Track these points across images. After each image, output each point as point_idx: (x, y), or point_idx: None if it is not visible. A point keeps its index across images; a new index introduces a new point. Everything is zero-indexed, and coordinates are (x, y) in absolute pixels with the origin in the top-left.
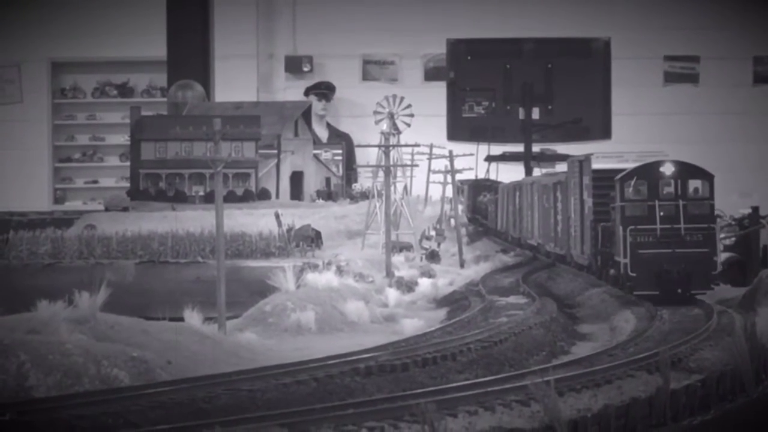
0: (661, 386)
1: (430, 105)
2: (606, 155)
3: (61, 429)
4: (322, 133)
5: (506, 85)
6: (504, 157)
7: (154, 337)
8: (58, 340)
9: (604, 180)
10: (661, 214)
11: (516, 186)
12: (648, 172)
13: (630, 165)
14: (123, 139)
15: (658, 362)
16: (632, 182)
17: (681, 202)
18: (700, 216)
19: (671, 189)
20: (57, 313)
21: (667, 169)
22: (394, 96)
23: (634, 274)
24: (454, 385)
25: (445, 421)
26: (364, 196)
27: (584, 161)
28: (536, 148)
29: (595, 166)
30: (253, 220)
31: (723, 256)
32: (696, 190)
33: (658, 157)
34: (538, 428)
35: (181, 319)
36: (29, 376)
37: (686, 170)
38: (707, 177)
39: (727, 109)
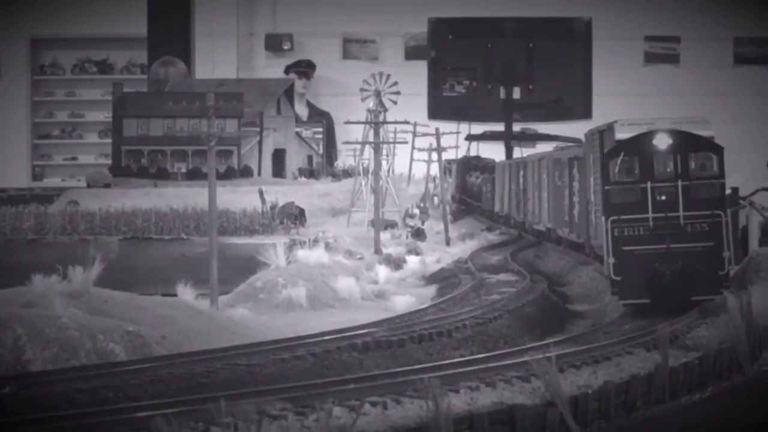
0: (660, 363)
1: (411, 84)
2: (633, 123)
3: (61, 402)
4: (303, 112)
5: (487, 65)
6: (485, 136)
7: (148, 312)
8: (54, 314)
9: None
10: (659, 198)
11: (519, 163)
12: (639, 145)
13: None
14: (102, 116)
15: (656, 340)
16: (619, 159)
17: (680, 183)
18: (707, 200)
19: (669, 167)
20: (51, 288)
21: (662, 142)
22: (381, 73)
23: (618, 278)
24: (455, 360)
25: (448, 396)
26: (347, 174)
27: (606, 131)
28: (517, 127)
29: (620, 136)
30: (236, 198)
31: None
32: (703, 166)
33: (684, 125)
34: (540, 404)
35: (171, 295)
36: (26, 350)
37: (688, 142)
38: (715, 150)
39: (708, 89)
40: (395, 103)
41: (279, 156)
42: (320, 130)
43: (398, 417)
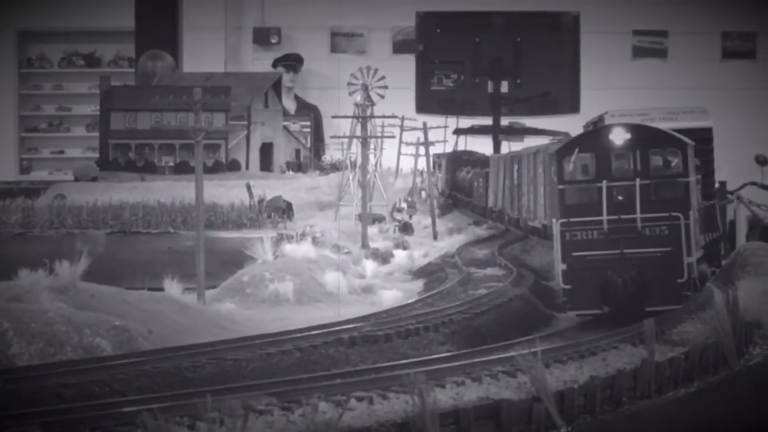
0: (646, 358)
1: (398, 78)
2: (624, 114)
3: (48, 397)
4: (290, 105)
5: (475, 59)
6: (473, 130)
7: (135, 307)
8: (40, 308)
9: None
10: (616, 198)
11: (514, 157)
12: (594, 141)
13: (658, 125)
14: (90, 109)
15: (642, 335)
16: (573, 157)
17: (638, 182)
18: (670, 201)
19: (627, 164)
20: (38, 282)
21: (619, 137)
22: (368, 67)
23: (567, 287)
24: (441, 356)
25: (434, 391)
26: (335, 167)
27: (598, 123)
28: (505, 121)
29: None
30: (224, 192)
31: None
32: (666, 163)
33: (681, 115)
34: (525, 399)
35: (158, 289)
36: (12, 344)
37: (648, 137)
38: (679, 145)
39: (696, 83)
40: (383, 97)
41: (267, 150)
42: (308, 123)
43: (384, 412)
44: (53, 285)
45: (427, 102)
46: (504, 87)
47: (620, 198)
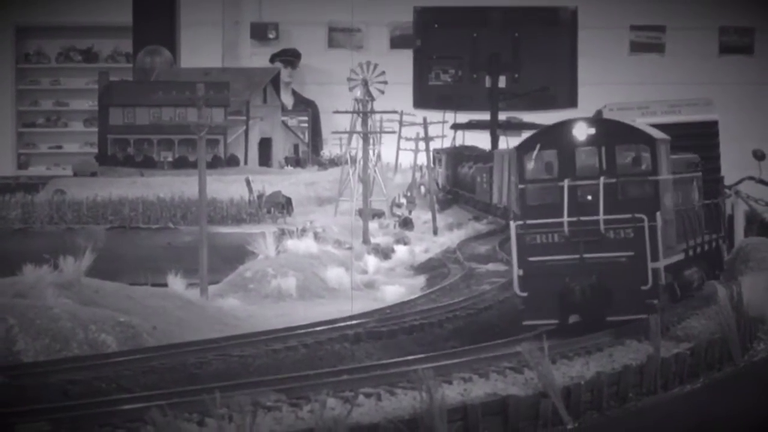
0: (652, 354)
1: (396, 73)
2: (623, 107)
3: (54, 393)
4: (288, 101)
5: (473, 54)
6: (470, 125)
7: (139, 303)
8: (45, 304)
9: None
10: (581, 199)
11: None
12: (557, 137)
13: (660, 119)
14: (88, 104)
15: (648, 330)
16: (534, 153)
17: (602, 181)
18: (637, 201)
19: (591, 161)
20: (42, 277)
21: (583, 132)
22: (368, 63)
23: (524, 294)
24: (448, 351)
25: (442, 387)
26: (333, 163)
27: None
28: (502, 116)
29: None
30: (223, 187)
31: None
32: (635, 161)
33: (685, 108)
34: (532, 395)
35: (160, 285)
36: (17, 341)
37: (615, 132)
38: (648, 141)
39: (693, 79)
40: (383, 92)
41: (265, 145)
42: (306, 119)
43: (392, 408)
44: (57, 281)
45: (425, 97)
46: (502, 82)
47: (589, 198)
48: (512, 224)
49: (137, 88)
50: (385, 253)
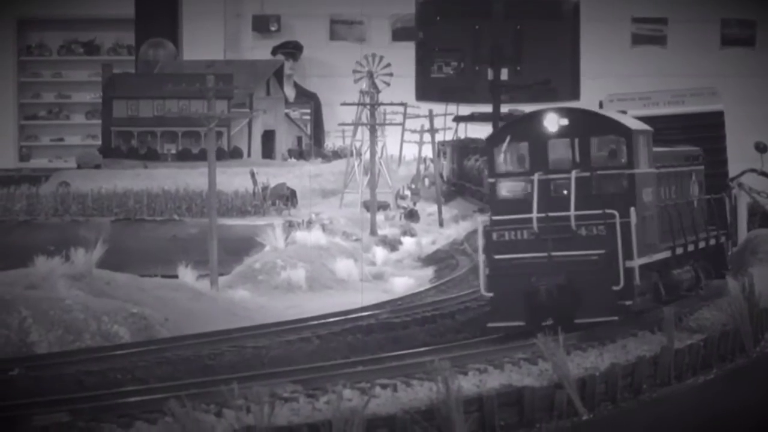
0: (666, 345)
1: (397, 65)
2: (624, 98)
3: (70, 384)
4: (290, 93)
5: (475, 46)
6: (473, 118)
7: (150, 294)
8: (58, 295)
9: None
10: (553, 194)
11: None
12: (528, 128)
13: (663, 110)
14: (89, 97)
15: (661, 322)
16: (504, 145)
17: (574, 175)
18: (613, 196)
19: (562, 154)
20: (54, 269)
21: (554, 123)
22: (373, 55)
23: (490, 294)
24: (467, 341)
25: (458, 379)
26: (337, 155)
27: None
28: (505, 108)
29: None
30: (227, 179)
31: None
32: (614, 153)
33: (688, 98)
34: (548, 386)
35: (171, 276)
36: (31, 332)
37: (587, 123)
38: (624, 132)
39: (695, 71)
40: (388, 84)
41: (269, 137)
42: (308, 111)
43: (408, 399)
44: (69, 272)
45: (427, 90)
46: (504, 74)
47: (565, 193)
48: (478, 219)
49: (141, 80)
50: (392, 245)
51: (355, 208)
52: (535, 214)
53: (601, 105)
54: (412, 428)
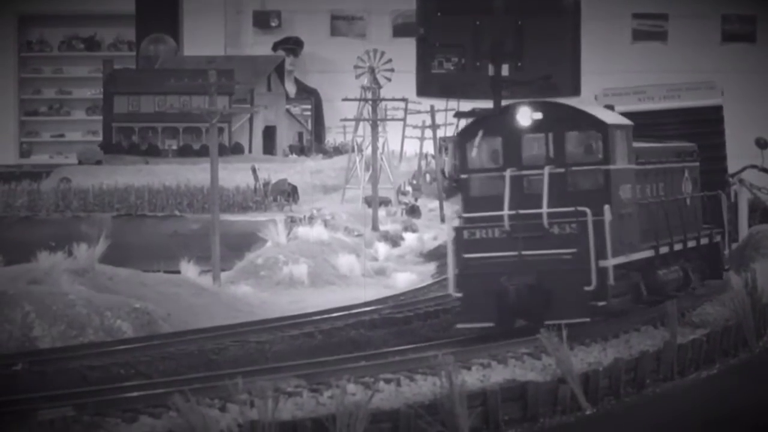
0: (668, 340)
1: (398, 61)
2: (619, 92)
3: (74, 379)
4: (290, 89)
5: (476, 42)
6: (474, 114)
7: (153, 289)
8: (60, 291)
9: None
10: (526, 190)
11: None
12: (501, 122)
13: (658, 104)
14: (90, 93)
15: (664, 316)
16: (476, 140)
17: (547, 171)
18: (588, 193)
19: (536, 149)
20: (57, 264)
21: (527, 117)
22: (375, 50)
23: (459, 294)
24: (470, 336)
25: (461, 373)
26: (338, 151)
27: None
28: (506, 104)
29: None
30: (228, 174)
31: None
32: (586, 149)
33: (685, 92)
34: (551, 381)
35: (173, 272)
36: (34, 327)
37: (562, 117)
38: (599, 126)
39: (696, 67)
40: (389, 80)
41: (269, 133)
42: (308, 107)
43: (412, 393)
44: (72, 267)
45: (428, 85)
46: (505, 70)
47: (527, 189)
48: (447, 218)
49: (141, 76)
50: (394, 241)
51: (356, 204)
52: (506, 212)
53: (596, 99)
54: (416, 423)
